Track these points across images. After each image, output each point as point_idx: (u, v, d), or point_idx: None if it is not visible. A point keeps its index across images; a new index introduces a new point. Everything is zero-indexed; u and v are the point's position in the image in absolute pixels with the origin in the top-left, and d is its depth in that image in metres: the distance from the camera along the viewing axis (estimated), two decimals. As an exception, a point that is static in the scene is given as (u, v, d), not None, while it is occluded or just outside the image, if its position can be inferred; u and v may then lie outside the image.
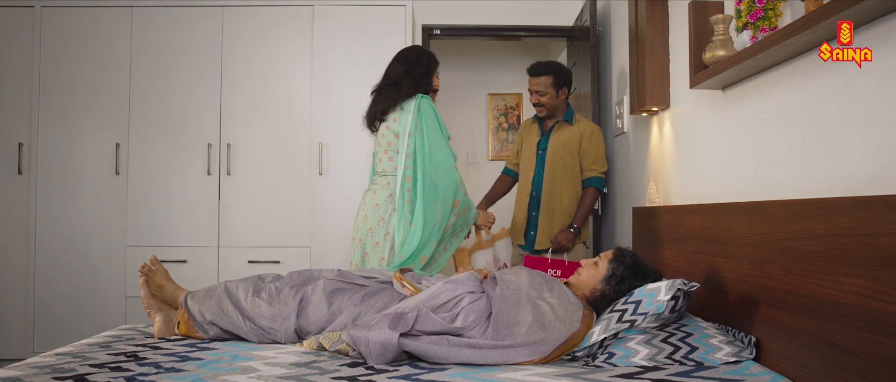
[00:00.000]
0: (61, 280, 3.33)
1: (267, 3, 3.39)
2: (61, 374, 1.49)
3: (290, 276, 2.05)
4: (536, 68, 2.94)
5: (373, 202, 2.50)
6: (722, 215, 1.88)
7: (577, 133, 2.89)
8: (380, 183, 2.53)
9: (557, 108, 2.96)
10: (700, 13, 2.05)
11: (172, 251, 3.32)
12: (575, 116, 2.96)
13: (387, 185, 2.51)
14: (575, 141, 2.89)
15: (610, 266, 1.86)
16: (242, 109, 3.38)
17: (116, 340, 1.91)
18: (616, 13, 3.27)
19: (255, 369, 1.56)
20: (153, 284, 2.08)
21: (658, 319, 1.66)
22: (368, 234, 2.48)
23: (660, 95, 2.51)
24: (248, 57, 3.38)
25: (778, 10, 1.67)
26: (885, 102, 1.31)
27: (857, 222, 1.25)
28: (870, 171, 1.35)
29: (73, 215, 3.34)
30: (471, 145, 5.41)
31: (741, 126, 1.93)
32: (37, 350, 3.28)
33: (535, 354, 1.63)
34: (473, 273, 1.90)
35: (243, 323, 1.91)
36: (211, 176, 3.37)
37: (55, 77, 3.35)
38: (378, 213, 2.47)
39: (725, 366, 1.54)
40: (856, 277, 1.25)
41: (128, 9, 3.37)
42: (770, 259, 1.58)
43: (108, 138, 3.36)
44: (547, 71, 2.92)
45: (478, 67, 5.40)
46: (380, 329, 1.62)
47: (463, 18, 3.87)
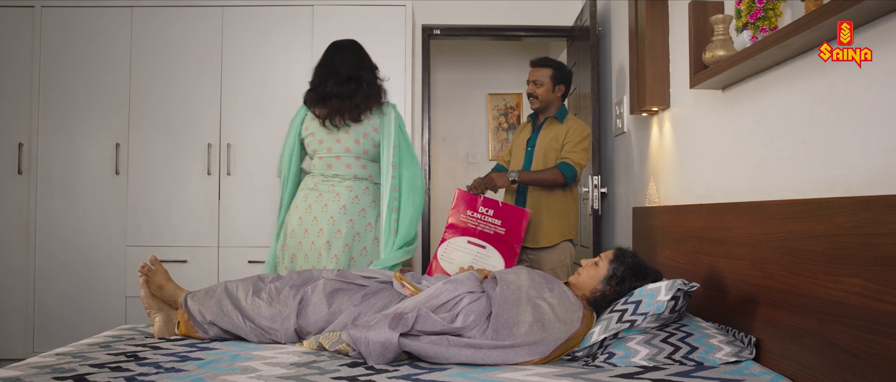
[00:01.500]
0: (61, 280, 3.33)
1: (267, 3, 3.39)
2: (61, 374, 1.49)
3: (290, 276, 2.05)
4: (539, 60, 2.97)
5: (338, 205, 2.43)
6: (722, 215, 1.88)
7: (563, 131, 2.88)
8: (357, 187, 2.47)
9: (551, 103, 2.94)
10: (700, 13, 2.05)
11: (172, 251, 3.32)
12: (567, 117, 2.93)
13: (366, 190, 2.48)
14: (560, 138, 2.87)
15: (610, 266, 1.86)
16: (242, 109, 3.38)
17: (116, 340, 1.91)
18: (616, 13, 3.28)
19: (255, 369, 1.56)
20: (153, 284, 2.08)
21: (658, 319, 1.66)
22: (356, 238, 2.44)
23: (660, 95, 2.51)
24: (248, 57, 3.38)
25: (778, 10, 1.67)
26: (885, 102, 1.31)
27: (857, 222, 1.25)
28: (870, 171, 1.35)
29: (73, 215, 3.34)
30: (471, 145, 5.41)
31: (741, 126, 1.93)
32: (37, 350, 3.28)
33: (535, 354, 1.63)
34: (473, 273, 1.90)
35: (243, 323, 1.91)
36: (211, 176, 3.37)
37: (55, 77, 3.35)
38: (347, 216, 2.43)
39: (725, 366, 1.54)
40: (856, 277, 1.25)
41: (128, 9, 3.37)
42: (770, 259, 1.58)
43: (108, 138, 3.36)
44: (548, 64, 2.94)
45: (478, 67, 5.40)
46: (380, 329, 1.62)
47: (463, 18, 3.87)
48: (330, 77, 2.48)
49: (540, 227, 2.83)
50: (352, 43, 2.60)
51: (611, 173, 3.37)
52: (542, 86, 2.91)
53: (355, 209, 2.44)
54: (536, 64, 2.95)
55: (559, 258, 2.83)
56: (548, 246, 2.83)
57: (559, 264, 2.82)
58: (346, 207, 2.43)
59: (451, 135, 5.39)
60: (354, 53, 2.54)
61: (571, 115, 2.96)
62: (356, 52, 2.55)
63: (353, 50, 2.56)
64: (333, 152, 2.48)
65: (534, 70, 2.95)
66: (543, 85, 2.91)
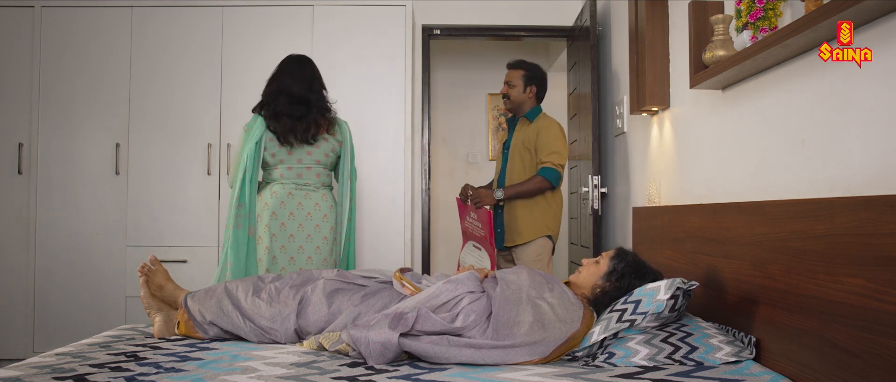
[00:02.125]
0: (61, 280, 3.33)
1: (267, 3, 3.39)
2: (61, 374, 1.49)
3: (290, 276, 2.05)
4: (513, 62, 3.08)
5: (321, 213, 2.60)
6: (722, 215, 1.88)
7: (534, 131, 2.93)
8: (329, 196, 2.64)
9: (523, 104, 3.03)
10: (700, 13, 2.05)
11: (172, 251, 3.32)
12: (539, 115, 3.00)
13: (332, 198, 2.66)
14: (532, 137, 2.93)
15: (611, 263, 1.87)
16: (242, 109, 3.36)
17: (116, 340, 1.91)
18: (616, 13, 3.27)
19: (255, 369, 1.56)
20: (153, 284, 2.08)
21: (658, 318, 1.66)
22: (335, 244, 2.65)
23: (660, 95, 2.51)
24: (248, 57, 3.38)
25: (778, 10, 1.67)
26: (885, 102, 1.31)
27: (857, 222, 1.25)
28: (870, 171, 1.35)
29: (73, 215, 3.34)
30: (471, 144, 5.41)
31: (741, 126, 1.93)
32: (37, 350, 3.28)
33: (536, 354, 1.63)
34: (473, 273, 1.90)
35: (243, 323, 1.91)
36: (211, 176, 3.37)
37: (55, 77, 3.35)
38: (328, 223, 2.62)
39: (725, 366, 1.54)
40: (856, 277, 1.25)
41: (128, 9, 3.37)
42: (770, 259, 1.58)
43: (108, 138, 3.36)
44: (520, 66, 3.05)
45: (478, 67, 5.40)
46: (380, 329, 1.62)
47: (463, 18, 3.87)
48: (281, 95, 2.55)
49: (516, 224, 2.93)
50: (305, 60, 2.67)
51: (611, 173, 3.37)
52: (515, 87, 3.03)
53: (333, 217, 2.62)
54: (510, 66, 3.07)
55: (536, 252, 2.91)
56: (522, 243, 2.93)
57: (536, 258, 2.89)
58: (327, 216, 2.60)
59: (451, 135, 5.39)
60: (307, 71, 2.62)
61: (544, 113, 3.02)
62: (309, 69, 2.63)
63: (307, 67, 2.63)
64: (304, 162, 2.59)
65: (508, 72, 3.07)
66: (516, 86, 3.03)
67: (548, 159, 2.87)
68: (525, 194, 2.90)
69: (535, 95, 3.04)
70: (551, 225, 2.94)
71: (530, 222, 2.91)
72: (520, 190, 2.89)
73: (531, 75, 3.02)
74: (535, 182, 2.88)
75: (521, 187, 2.89)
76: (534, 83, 3.02)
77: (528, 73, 3.01)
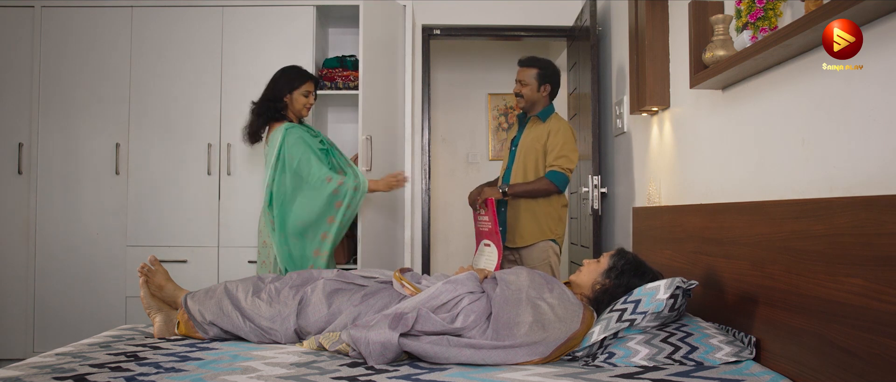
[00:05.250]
0: (61, 280, 3.33)
1: (267, 3, 3.39)
2: (61, 374, 1.49)
3: (290, 276, 2.05)
4: (526, 60, 3.01)
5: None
6: (722, 215, 1.88)
7: (545, 131, 2.90)
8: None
9: (536, 103, 2.97)
10: (700, 13, 2.05)
11: (172, 251, 3.32)
12: (551, 115, 2.96)
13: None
14: (543, 137, 2.89)
15: (611, 260, 1.88)
16: (242, 109, 3.36)
17: (116, 340, 1.91)
18: (616, 13, 3.28)
19: (255, 369, 1.56)
20: (153, 284, 2.08)
21: (658, 318, 1.66)
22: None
23: (660, 95, 2.51)
24: (248, 57, 3.38)
25: (778, 10, 1.67)
26: (884, 102, 1.31)
27: (857, 222, 1.25)
28: (870, 171, 1.35)
29: (73, 215, 3.34)
30: (471, 144, 5.41)
31: (741, 126, 1.93)
32: (37, 350, 3.28)
33: (536, 354, 1.63)
34: (473, 273, 1.90)
35: (243, 324, 1.91)
36: (211, 176, 3.37)
37: (55, 77, 3.35)
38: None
39: (725, 366, 1.54)
40: (856, 277, 1.25)
41: (128, 9, 3.37)
42: (770, 259, 1.58)
43: (108, 138, 3.36)
44: (534, 64, 2.98)
45: (478, 67, 5.40)
46: (380, 329, 1.62)
47: (463, 18, 3.87)
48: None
49: (517, 227, 2.92)
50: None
51: (611, 173, 3.37)
52: (528, 85, 2.96)
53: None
54: (523, 64, 3.00)
55: (539, 256, 2.88)
56: (523, 246, 2.92)
57: (539, 261, 2.87)
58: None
59: (451, 135, 5.39)
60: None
61: (556, 114, 2.99)
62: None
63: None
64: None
65: (520, 70, 3.00)
66: (529, 85, 2.96)
67: (556, 163, 2.84)
68: (531, 193, 2.87)
69: (549, 94, 2.98)
70: (555, 229, 2.91)
71: (532, 225, 2.88)
72: (527, 189, 2.86)
73: (545, 73, 2.95)
74: (542, 183, 2.85)
75: (528, 185, 2.86)
76: (548, 81, 2.95)
77: (541, 70, 2.95)
